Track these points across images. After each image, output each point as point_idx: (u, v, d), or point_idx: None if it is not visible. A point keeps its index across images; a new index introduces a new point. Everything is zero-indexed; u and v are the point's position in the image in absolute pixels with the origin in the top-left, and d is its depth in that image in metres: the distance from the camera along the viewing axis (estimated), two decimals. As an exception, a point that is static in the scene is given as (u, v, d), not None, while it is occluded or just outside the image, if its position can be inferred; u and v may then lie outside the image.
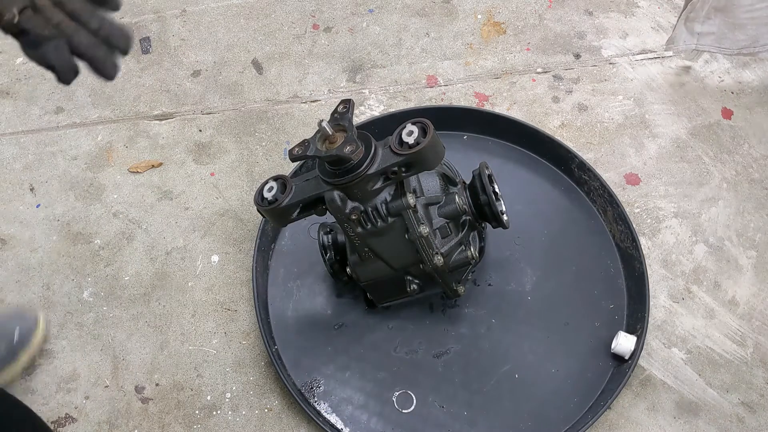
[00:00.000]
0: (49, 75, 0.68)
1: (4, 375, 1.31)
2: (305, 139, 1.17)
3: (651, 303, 1.40)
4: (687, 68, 1.79)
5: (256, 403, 1.32)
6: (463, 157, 1.52)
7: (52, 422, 1.30)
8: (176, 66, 1.76)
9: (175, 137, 1.64)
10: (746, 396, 1.34)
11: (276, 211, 1.19)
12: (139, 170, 1.59)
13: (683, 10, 1.65)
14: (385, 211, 1.15)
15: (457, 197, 1.24)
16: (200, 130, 1.65)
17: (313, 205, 1.19)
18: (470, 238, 1.29)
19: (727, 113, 1.72)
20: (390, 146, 1.11)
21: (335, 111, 1.18)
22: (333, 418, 1.28)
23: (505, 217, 1.28)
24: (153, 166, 1.60)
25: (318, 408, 1.29)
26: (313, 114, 1.68)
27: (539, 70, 1.78)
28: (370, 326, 1.38)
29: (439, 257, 1.19)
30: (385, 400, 1.30)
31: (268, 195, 1.19)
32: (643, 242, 1.48)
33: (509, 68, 1.78)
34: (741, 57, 1.78)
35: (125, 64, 1.76)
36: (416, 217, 1.16)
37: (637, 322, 1.35)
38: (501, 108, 1.70)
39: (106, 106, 1.69)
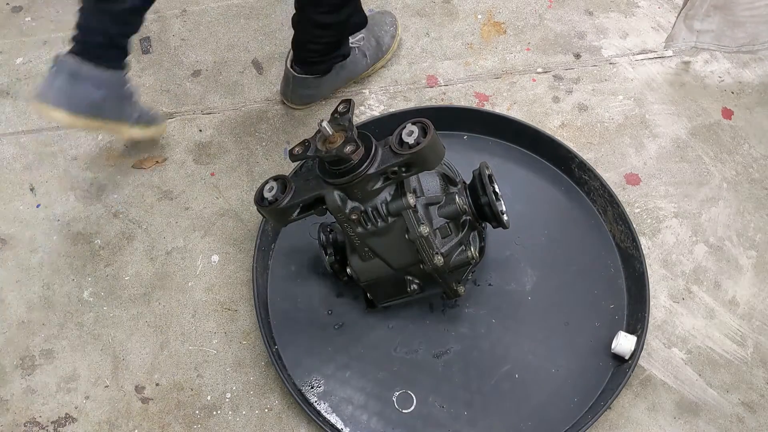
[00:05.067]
0: (49, 75, 0.68)
1: (378, 64, 1.71)
2: (305, 139, 1.17)
3: (651, 303, 1.40)
4: (687, 68, 1.79)
5: (256, 403, 1.32)
6: (463, 157, 1.52)
7: (52, 422, 1.30)
8: (176, 66, 1.76)
9: (176, 137, 1.64)
10: (746, 396, 1.34)
11: (276, 211, 1.19)
12: (144, 166, 1.59)
13: (683, 8, 1.64)
14: (385, 211, 1.15)
15: (457, 197, 1.24)
16: (200, 130, 1.65)
17: (313, 205, 1.19)
18: (470, 238, 1.29)
19: (727, 113, 1.72)
20: (390, 146, 1.12)
21: (335, 111, 1.18)
22: (333, 418, 1.28)
23: (505, 217, 1.28)
24: (157, 162, 1.60)
25: (318, 408, 1.29)
26: (313, 114, 1.68)
27: (539, 70, 1.78)
28: (370, 326, 1.38)
29: (439, 257, 1.19)
30: (385, 400, 1.30)
31: (268, 195, 1.19)
32: (643, 242, 1.48)
33: (509, 68, 1.78)
34: (740, 55, 1.78)
35: (125, 64, 1.76)
36: (416, 217, 1.16)
37: (637, 322, 1.35)
38: (501, 108, 1.70)
39: (106, 106, 1.69)
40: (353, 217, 1.15)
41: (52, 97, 1.31)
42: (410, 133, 1.10)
